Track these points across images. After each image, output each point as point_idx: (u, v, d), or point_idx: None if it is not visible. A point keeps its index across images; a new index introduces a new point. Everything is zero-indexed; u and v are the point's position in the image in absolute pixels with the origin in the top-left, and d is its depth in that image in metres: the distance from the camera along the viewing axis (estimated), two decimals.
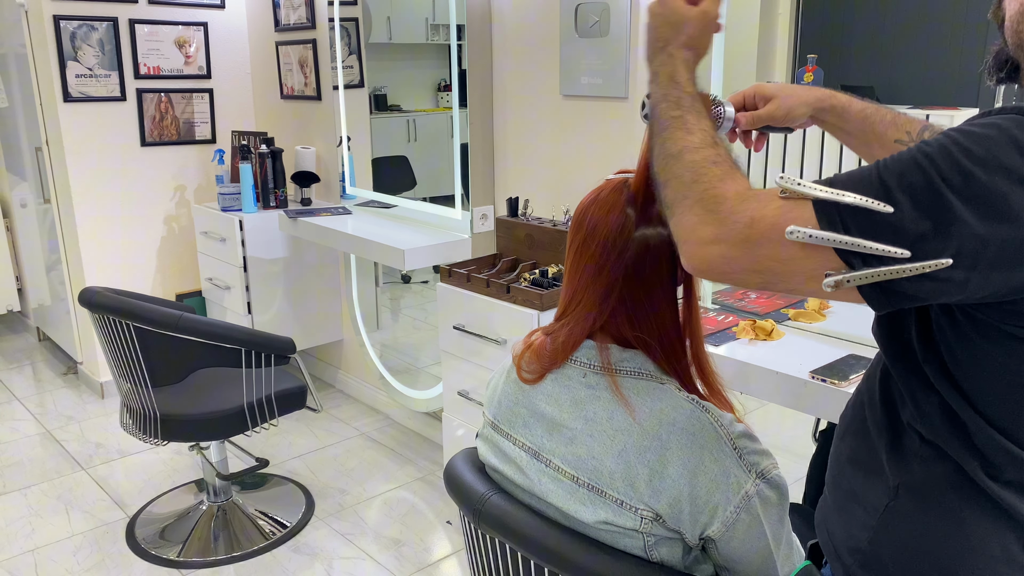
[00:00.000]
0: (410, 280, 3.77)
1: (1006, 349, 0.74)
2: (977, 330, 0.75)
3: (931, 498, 0.83)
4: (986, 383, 0.77)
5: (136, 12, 3.44)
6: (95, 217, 3.49)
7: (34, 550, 2.53)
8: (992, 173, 0.66)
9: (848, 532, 0.90)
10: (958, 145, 0.69)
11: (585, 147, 2.37)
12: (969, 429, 0.79)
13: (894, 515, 0.85)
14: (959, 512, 0.81)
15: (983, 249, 0.67)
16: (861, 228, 0.70)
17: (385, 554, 2.49)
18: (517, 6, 2.48)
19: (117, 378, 2.45)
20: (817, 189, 0.73)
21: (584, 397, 1.05)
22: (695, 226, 0.79)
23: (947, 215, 0.67)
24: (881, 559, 0.86)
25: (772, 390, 1.65)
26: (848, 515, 0.91)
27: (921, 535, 0.84)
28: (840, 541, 0.91)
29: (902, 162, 0.71)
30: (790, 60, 2.18)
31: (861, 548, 0.88)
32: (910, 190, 0.69)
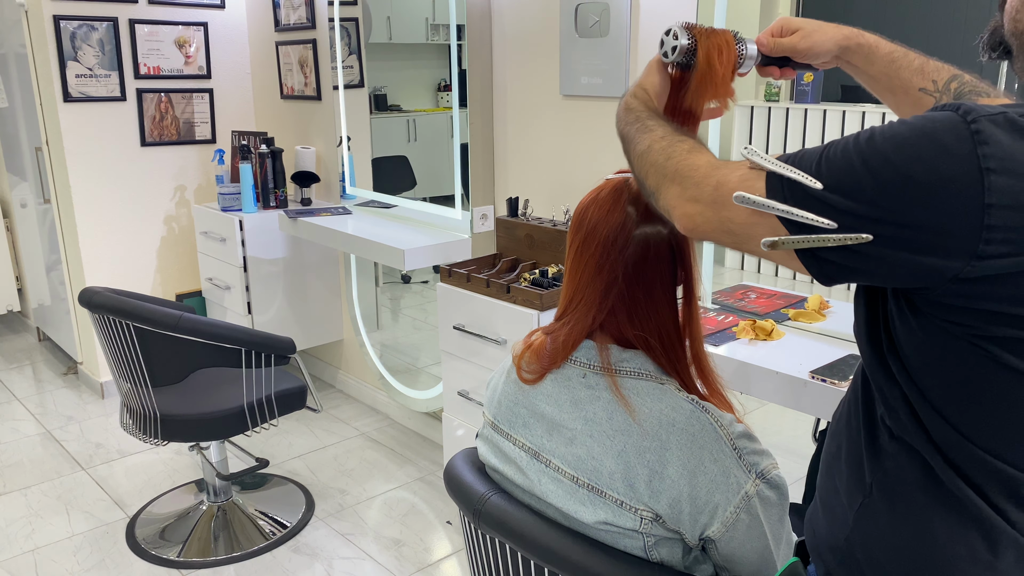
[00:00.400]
0: (410, 280, 3.77)
1: (941, 343, 0.76)
2: (919, 323, 0.77)
3: (900, 496, 0.83)
4: (933, 377, 0.78)
5: (136, 12, 3.44)
6: (95, 217, 3.49)
7: (34, 550, 2.53)
8: (911, 162, 0.70)
9: (829, 530, 0.91)
10: (888, 134, 0.73)
11: (585, 147, 2.37)
12: (926, 424, 0.80)
13: (867, 513, 0.86)
14: (926, 510, 0.81)
15: (899, 232, 0.70)
16: (797, 199, 0.76)
17: (385, 554, 2.49)
18: (517, 6, 2.48)
19: (117, 378, 2.45)
20: (769, 162, 0.79)
21: (584, 397, 1.05)
22: (677, 192, 0.88)
23: (866, 195, 0.72)
24: (855, 557, 0.87)
25: (772, 390, 1.65)
26: (830, 513, 0.91)
27: (891, 533, 0.84)
28: (822, 539, 0.92)
29: (841, 144, 0.76)
30: None
31: (839, 546, 0.89)
32: (840, 170, 0.74)
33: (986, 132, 0.68)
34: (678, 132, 0.94)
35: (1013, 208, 0.67)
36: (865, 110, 2.18)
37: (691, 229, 0.86)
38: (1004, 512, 0.78)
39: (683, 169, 0.87)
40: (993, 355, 0.73)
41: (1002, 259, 0.68)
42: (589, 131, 2.35)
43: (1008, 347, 0.72)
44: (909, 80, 1.04)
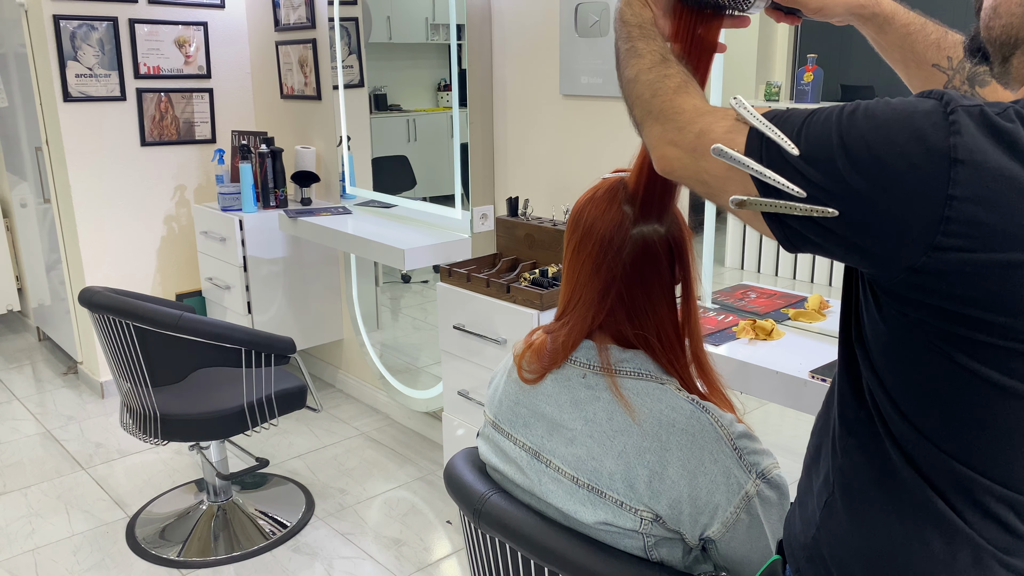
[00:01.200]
0: (410, 280, 3.77)
1: (900, 337, 0.76)
2: (881, 313, 0.77)
3: (860, 493, 0.83)
4: (894, 372, 0.78)
5: (136, 12, 3.44)
6: (95, 217, 3.49)
7: (34, 550, 2.53)
8: (884, 144, 0.69)
9: (801, 528, 0.91)
10: (870, 112, 0.72)
11: (585, 147, 2.37)
12: (887, 419, 0.80)
13: (831, 511, 0.86)
14: (885, 508, 0.81)
15: (863, 213, 0.70)
16: (773, 161, 0.75)
17: (385, 554, 2.50)
18: (517, 6, 2.48)
19: (117, 378, 2.45)
20: (754, 117, 0.78)
21: (584, 398, 1.05)
22: (660, 133, 0.86)
23: (836, 171, 0.71)
24: (821, 554, 0.87)
25: (772, 390, 1.65)
26: (804, 510, 0.91)
27: (852, 531, 0.84)
28: (795, 537, 0.92)
29: (826, 112, 0.75)
30: (790, 60, 2.18)
31: (807, 543, 0.89)
32: (818, 140, 0.73)
33: (961, 123, 0.68)
34: (666, 61, 0.91)
35: (973, 202, 0.67)
36: None
37: (668, 172, 0.86)
38: (961, 513, 0.77)
39: (667, 110, 0.86)
40: (947, 353, 0.73)
41: (958, 253, 0.68)
42: (589, 131, 2.35)
43: (962, 347, 0.72)
44: (924, 53, 1.03)
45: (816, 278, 2.19)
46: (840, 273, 2.16)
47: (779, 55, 2.19)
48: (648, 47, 0.94)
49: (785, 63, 2.17)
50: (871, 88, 2.23)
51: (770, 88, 2.21)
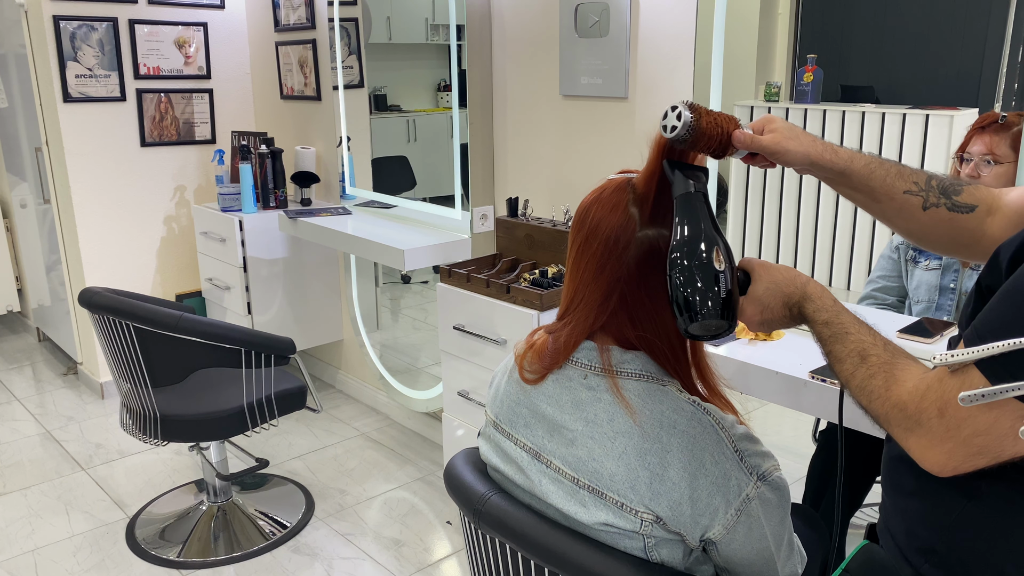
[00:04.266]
0: (410, 280, 3.77)
1: None
2: None
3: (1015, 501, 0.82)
4: None
5: (136, 12, 3.44)
6: (95, 217, 3.49)
7: (34, 550, 2.53)
8: None
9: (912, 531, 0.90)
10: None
11: (585, 147, 2.37)
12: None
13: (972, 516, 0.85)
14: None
15: None
16: (1020, 368, 0.70)
17: (385, 554, 2.49)
18: (517, 6, 2.48)
19: (117, 378, 2.45)
20: (971, 352, 0.73)
21: (585, 399, 1.05)
22: (907, 444, 0.80)
23: None
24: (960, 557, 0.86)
25: (772, 390, 1.65)
26: (910, 514, 0.90)
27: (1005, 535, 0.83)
28: (904, 542, 0.91)
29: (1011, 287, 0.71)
30: (790, 60, 2.18)
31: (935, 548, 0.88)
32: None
33: None
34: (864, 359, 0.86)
35: None
36: (865, 110, 2.19)
37: (953, 470, 0.78)
38: None
39: (894, 415, 0.81)
40: None
41: None
42: (589, 131, 2.35)
43: None
44: (892, 187, 1.06)
45: (816, 278, 2.19)
46: (841, 273, 2.16)
47: (779, 55, 2.19)
48: (844, 349, 0.90)
49: (785, 63, 2.17)
50: (871, 88, 2.23)
51: (770, 88, 2.21)
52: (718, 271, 0.93)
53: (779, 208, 2.23)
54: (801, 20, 2.13)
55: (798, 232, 2.21)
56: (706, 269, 0.93)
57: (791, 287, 0.98)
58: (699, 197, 0.97)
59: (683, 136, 0.99)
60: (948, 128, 1.91)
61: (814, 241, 2.17)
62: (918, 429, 0.78)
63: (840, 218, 2.12)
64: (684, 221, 0.96)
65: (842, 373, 0.89)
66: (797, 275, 1.00)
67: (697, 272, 0.93)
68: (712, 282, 0.93)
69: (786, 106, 2.24)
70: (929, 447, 0.78)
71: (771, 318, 1.01)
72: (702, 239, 0.94)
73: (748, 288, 1.02)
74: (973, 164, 1.67)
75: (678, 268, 0.94)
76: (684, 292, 0.94)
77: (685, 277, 0.94)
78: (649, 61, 2.15)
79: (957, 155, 1.72)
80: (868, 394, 0.85)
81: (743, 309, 1.02)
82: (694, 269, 0.93)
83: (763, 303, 1.00)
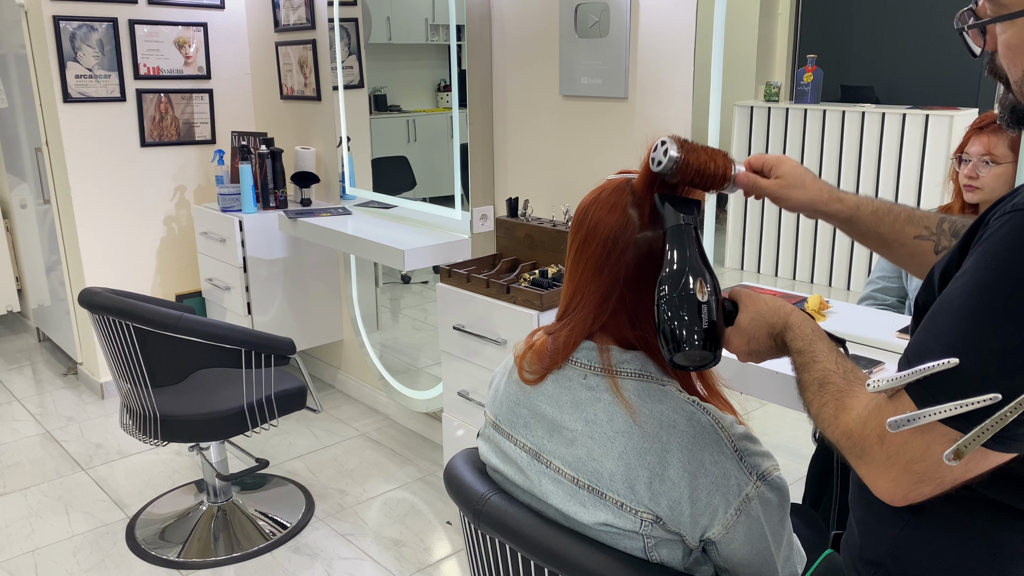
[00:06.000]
0: (410, 280, 3.77)
1: None
2: None
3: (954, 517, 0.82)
4: None
5: (136, 12, 3.44)
6: (95, 217, 3.49)
7: (34, 551, 2.53)
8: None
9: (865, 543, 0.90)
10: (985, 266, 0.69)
11: (585, 147, 2.37)
12: None
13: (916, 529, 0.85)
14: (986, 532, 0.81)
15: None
16: (945, 392, 0.69)
17: (385, 554, 2.49)
18: (517, 6, 2.48)
19: (117, 379, 2.45)
20: (899, 377, 0.73)
21: (585, 399, 1.05)
22: (859, 472, 0.79)
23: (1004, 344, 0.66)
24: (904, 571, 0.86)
25: (772, 390, 1.65)
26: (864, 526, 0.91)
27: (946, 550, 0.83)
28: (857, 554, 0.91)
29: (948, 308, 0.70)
30: (790, 60, 2.18)
31: (882, 562, 0.88)
32: (964, 334, 0.69)
33: None
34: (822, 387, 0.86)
35: None
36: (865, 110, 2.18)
37: (903, 499, 0.76)
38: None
39: (843, 442, 0.80)
40: None
41: None
42: (589, 131, 2.35)
43: None
44: (901, 231, 1.05)
45: (816, 278, 2.19)
46: (841, 273, 2.16)
47: (779, 55, 2.19)
48: (809, 377, 0.89)
49: (785, 63, 2.18)
50: (871, 88, 2.23)
51: (770, 88, 2.21)
52: (701, 302, 0.94)
53: (779, 208, 2.23)
54: (801, 20, 2.13)
55: (798, 232, 2.21)
56: (690, 301, 0.94)
57: (775, 317, 0.98)
58: (688, 230, 0.99)
59: (669, 171, 1.01)
60: (948, 128, 1.92)
61: (814, 241, 2.17)
62: (865, 456, 0.77)
63: None
64: (671, 254, 0.98)
65: (805, 401, 0.89)
66: (782, 305, 0.99)
67: (680, 304, 0.95)
68: (695, 314, 0.94)
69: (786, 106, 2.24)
70: (877, 476, 0.76)
71: (757, 348, 1.00)
72: (687, 271, 0.96)
73: (736, 318, 1.02)
74: (972, 164, 1.67)
75: (664, 300, 0.96)
76: (668, 324, 0.95)
77: (669, 309, 0.95)
78: (649, 61, 2.15)
79: (956, 155, 1.72)
80: (822, 422, 0.84)
81: (730, 340, 1.02)
82: (677, 301, 0.95)
83: (749, 333, 1.00)
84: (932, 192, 1.89)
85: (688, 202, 1.02)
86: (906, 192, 1.94)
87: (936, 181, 1.89)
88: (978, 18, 0.80)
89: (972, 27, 0.81)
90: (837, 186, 1.12)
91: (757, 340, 0.99)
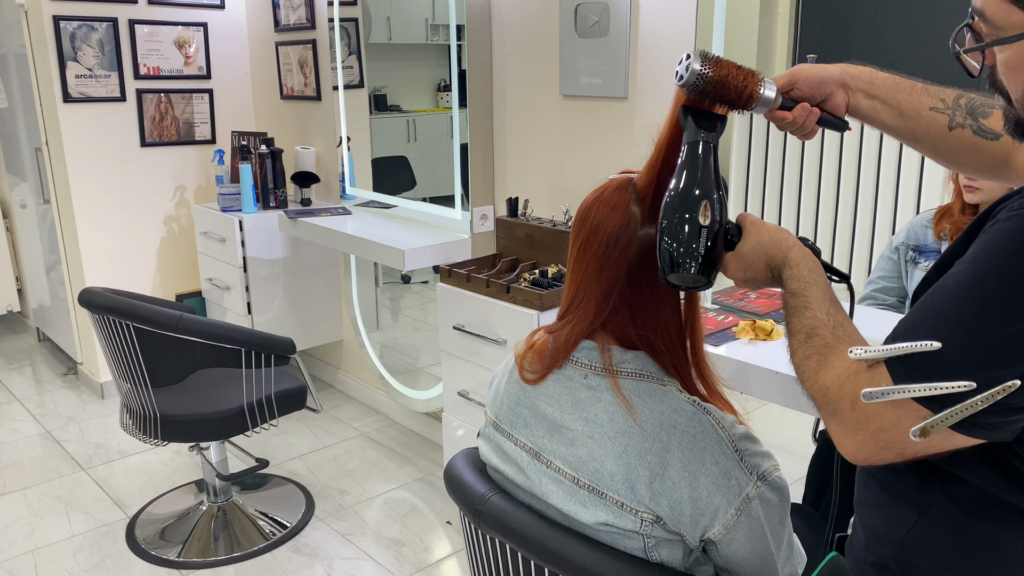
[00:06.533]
0: (410, 280, 3.77)
1: None
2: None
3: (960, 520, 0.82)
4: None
5: (136, 12, 3.44)
6: (95, 217, 3.49)
7: (34, 551, 2.53)
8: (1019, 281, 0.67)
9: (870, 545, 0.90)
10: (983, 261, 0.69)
11: (585, 147, 2.37)
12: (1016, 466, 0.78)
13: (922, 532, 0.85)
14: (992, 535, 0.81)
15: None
16: (922, 372, 0.71)
17: (385, 554, 2.49)
18: (517, 6, 2.48)
19: (117, 378, 2.45)
20: (881, 350, 0.74)
21: (585, 398, 1.05)
22: (832, 429, 0.80)
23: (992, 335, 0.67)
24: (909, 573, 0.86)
25: (772, 390, 1.65)
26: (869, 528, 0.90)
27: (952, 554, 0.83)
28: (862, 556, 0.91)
29: (942, 293, 0.71)
30: (790, 60, 2.18)
31: (887, 564, 0.88)
32: (952, 320, 0.69)
33: None
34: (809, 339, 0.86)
35: None
36: None
37: (864, 460, 0.79)
38: None
39: (819, 398, 0.82)
40: None
41: None
42: (589, 131, 2.35)
43: None
44: (918, 101, 1.03)
45: None
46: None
47: (779, 55, 2.19)
48: (799, 323, 0.89)
49: (785, 63, 2.17)
50: None
51: None
52: (701, 225, 0.93)
53: (779, 208, 2.23)
54: (801, 20, 2.13)
55: (798, 232, 2.21)
56: (691, 223, 0.93)
57: (775, 249, 0.97)
58: (706, 147, 0.96)
59: (691, 84, 0.97)
60: None
61: (814, 241, 2.17)
62: (836, 417, 0.79)
63: (840, 218, 2.12)
64: (683, 171, 0.95)
65: (790, 347, 0.89)
66: (785, 237, 0.97)
67: (681, 225, 0.94)
68: (694, 236, 0.93)
69: None
70: (844, 435, 0.79)
71: (753, 277, 0.99)
72: (693, 191, 0.94)
73: (737, 245, 1.00)
74: None
75: (666, 219, 0.95)
76: (666, 243, 0.94)
77: (669, 228, 0.94)
78: (649, 61, 2.15)
79: None
80: (802, 373, 0.85)
81: (727, 265, 1.00)
82: (678, 222, 0.94)
83: (747, 261, 0.98)
84: (932, 192, 1.89)
85: (711, 116, 0.99)
86: (906, 192, 1.94)
87: (936, 182, 1.89)
88: (976, 38, 0.80)
89: (969, 51, 0.82)
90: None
91: (754, 269, 0.98)
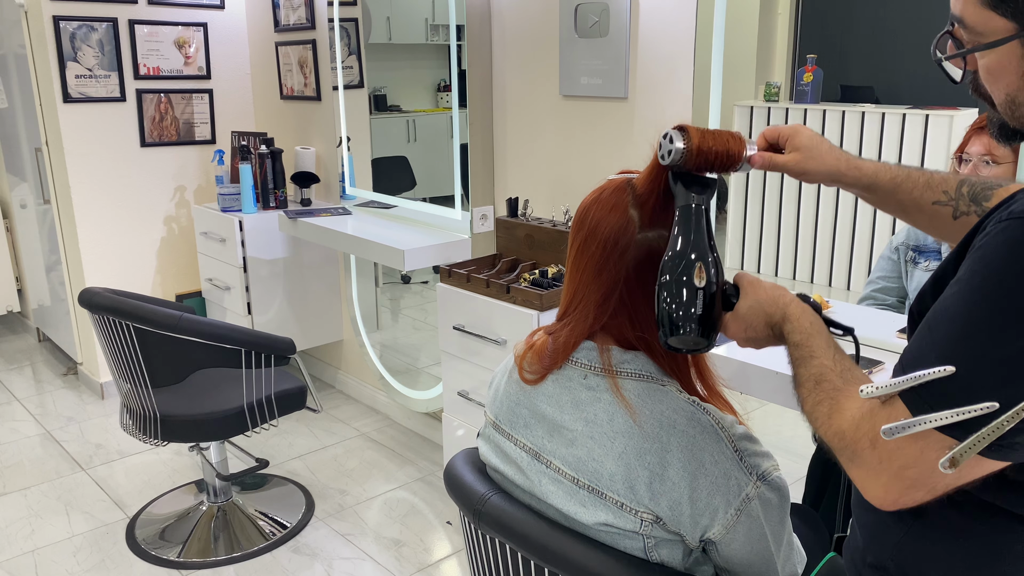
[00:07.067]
0: (410, 280, 3.77)
1: None
2: None
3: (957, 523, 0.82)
4: None
5: (136, 12, 3.44)
6: (95, 217, 3.49)
7: (34, 551, 2.53)
8: None
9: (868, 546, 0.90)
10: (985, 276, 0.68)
11: (585, 147, 2.37)
12: None
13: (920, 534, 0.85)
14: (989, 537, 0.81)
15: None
16: (941, 400, 0.69)
17: (385, 554, 2.49)
18: (517, 6, 2.48)
19: (117, 379, 2.45)
20: (894, 384, 0.72)
21: (585, 399, 1.05)
22: (855, 476, 0.78)
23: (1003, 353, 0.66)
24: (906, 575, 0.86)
25: (772, 390, 1.65)
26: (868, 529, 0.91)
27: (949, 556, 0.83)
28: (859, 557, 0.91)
29: (945, 314, 0.70)
30: (790, 60, 2.18)
31: (885, 565, 0.88)
32: (961, 341, 0.68)
33: None
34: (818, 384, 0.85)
35: None
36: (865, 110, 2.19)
37: (893, 504, 0.76)
38: None
39: (836, 443, 0.79)
40: None
41: None
42: (589, 131, 2.35)
43: None
44: (920, 198, 1.04)
45: (816, 278, 2.19)
46: (841, 273, 2.16)
47: (779, 55, 2.19)
48: (806, 373, 0.88)
49: (785, 63, 2.18)
50: (871, 88, 2.23)
51: (770, 88, 2.21)
52: (698, 288, 0.95)
53: (779, 208, 2.24)
54: (801, 20, 2.14)
55: (798, 233, 2.21)
56: (688, 286, 0.94)
57: (773, 307, 0.97)
58: (698, 211, 0.98)
59: (677, 163, 1.00)
60: (948, 128, 1.92)
61: (814, 241, 2.18)
62: (856, 459, 0.77)
63: (840, 218, 2.12)
64: (677, 235, 0.97)
65: (800, 397, 0.88)
66: (782, 295, 0.98)
67: (678, 288, 0.95)
68: (692, 298, 0.94)
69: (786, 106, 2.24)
70: (867, 478, 0.76)
71: (754, 336, 1.00)
72: (688, 254, 0.95)
73: (735, 305, 1.01)
74: (972, 164, 1.67)
75: (663, 282, 0.96)
76: (665, 307, 0.96)
77: (667, 292, 0.95)
78: (649, 61, 2.15)
79: (956, 155, 1.72)
80: (815, 420, 0.84)
81: (727, 326, 1.01)
82: (675, 285, 0.95)
83: (747, 321, 0.99)
84: None
85: (701, 180, 1.01)
86: None
87: None
88: (957, 45, 0.80)
89: (950, 58, 0.82)
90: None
91: (754, 328, 0.99)
